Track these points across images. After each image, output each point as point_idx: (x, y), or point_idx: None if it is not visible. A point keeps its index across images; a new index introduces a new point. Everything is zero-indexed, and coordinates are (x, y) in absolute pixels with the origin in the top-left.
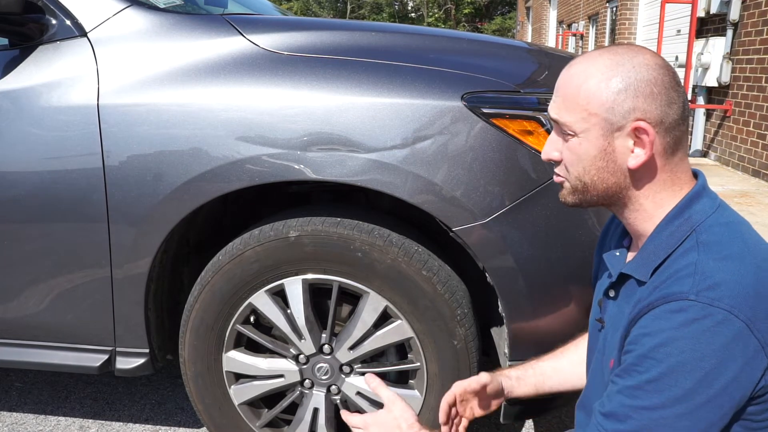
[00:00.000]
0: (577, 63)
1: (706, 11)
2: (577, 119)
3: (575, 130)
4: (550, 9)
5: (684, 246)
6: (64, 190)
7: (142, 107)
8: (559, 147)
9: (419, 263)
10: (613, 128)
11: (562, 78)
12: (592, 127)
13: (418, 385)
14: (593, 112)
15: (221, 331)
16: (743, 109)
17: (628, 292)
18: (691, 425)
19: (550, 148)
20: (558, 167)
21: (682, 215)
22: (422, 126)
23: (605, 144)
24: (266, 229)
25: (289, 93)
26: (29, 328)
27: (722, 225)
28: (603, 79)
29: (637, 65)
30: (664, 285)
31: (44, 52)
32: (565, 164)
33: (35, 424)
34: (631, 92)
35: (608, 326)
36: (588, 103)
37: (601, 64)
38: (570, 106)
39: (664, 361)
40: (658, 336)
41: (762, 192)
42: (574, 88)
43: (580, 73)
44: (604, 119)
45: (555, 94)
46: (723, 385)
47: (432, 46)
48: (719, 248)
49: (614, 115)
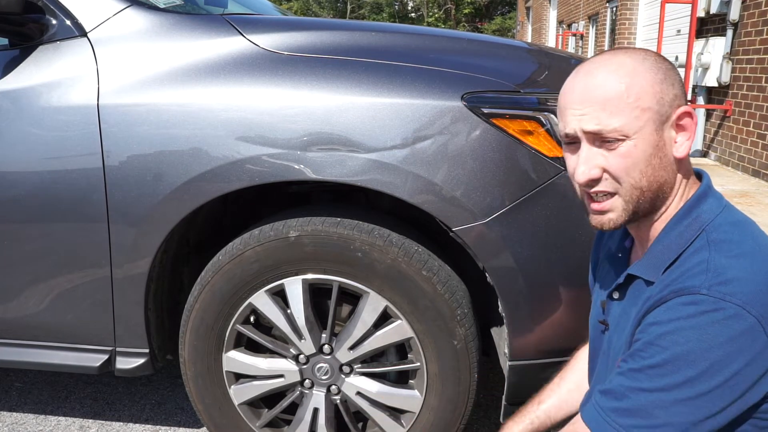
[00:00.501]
0: (599, 68)
1: (706, 11)
2: (629, 120)
3: (627, 133)
4: (550, 9)
5: (695, 245)
6: (64, 190)
7: (142, 107)
8: (601, 161)
9: (419, 263)
10: (663, 119)
11: (586, 87)
12: (646, 124)
13: (418, 385)
14: (646, 106)
15: (221, 331)
16: (743, 109)
17: (635, 293)
18: (688, 412)
19: (588, 167)
20: (601, 185)
21: (690, 215)
22: (422, 126)
23: (658, 138)
24: (266, 229)
25: (289, 93)
26: (29, 328)
27: (731, 224)
28: (641, 74)
29: (656, 59)
30: (676, 282)
31: (44, 52)
32: (614, 176)
33: (35, 424)
34: (668, 81)
35: (613, 328)
36: (638, 99)
37: (628, 63)
38: (616, 109)
39: (669, 349)
40: (666, 325)
41: (762, 192)
42: (614, 90)
43: (611, 75)
44: (656, 112)
45: (583, 106)
46: (726, 378)
47: (432, 46)
48: (731, 246)
49: (663, 105)
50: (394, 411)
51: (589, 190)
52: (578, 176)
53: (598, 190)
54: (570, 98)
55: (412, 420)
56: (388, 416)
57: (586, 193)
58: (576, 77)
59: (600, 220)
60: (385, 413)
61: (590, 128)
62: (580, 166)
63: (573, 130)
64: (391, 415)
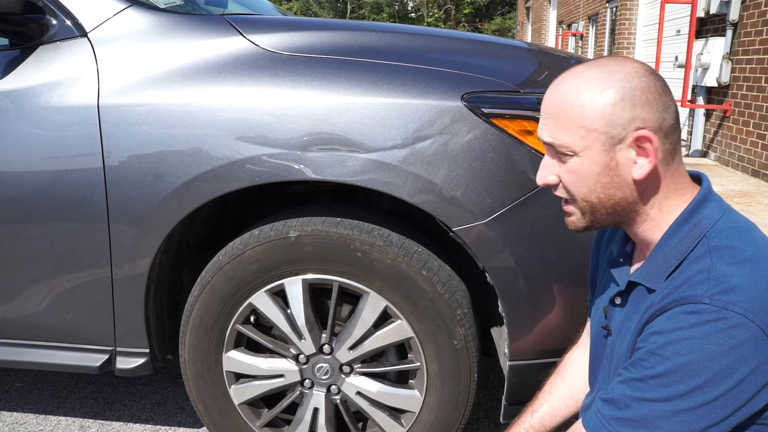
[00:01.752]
0: (564, 80)
1: (706, 11)
2: (575, 138)
3: (574, 150)
4: (550, 9)
5: (696, 252)
6: (65, 190)
7: (143, 107)
8: (556, 170)
9: (419, 263)
10: (615, 141)
11: (549, 98)
12: (593, 144)
13: (418, 385)
14: (592, 127)
15: (221, 331)
16: (743, 109)
17: (637, 300)
18: (691, 422)
19: (545, 172)
20: (558, 190)
21: (690, 221)
22: (422, 126)
23: (608, 159)
24: (266, 229)
25: (289, 93)
26: (30, 328)
27: (732, 229)
28: (597, 92)
29: (627, 74)
30: (678, 291)
31: (44, 53)
32: (566, 187)
33: (35, 424)
34: (628, 102)
35: (616, 333)
36: (585, 119)
37: (591, 78)
38: (565, 126)
39: (671, 359)
40: (669, 335)
41: (762, 192)
42: (567, 106)
43: (570, 90)
44: (604, 133)
45: (544, 116)
46: (729, 387)
47: (432, 46)
48: (732, 253)
49: (614, 127)
50: (394, 411)
51: (553, 192)
52: (537, 179)
53: (557, 195)
54: (542, 105)
55: (412, 420)
56: (388, 416)
57: None
58: (551, 86)
59: (566, 220)
60: (385, 413)
61: (546, 139)
62: (540, 170)
63: (539, 137)
64: (391, 414)
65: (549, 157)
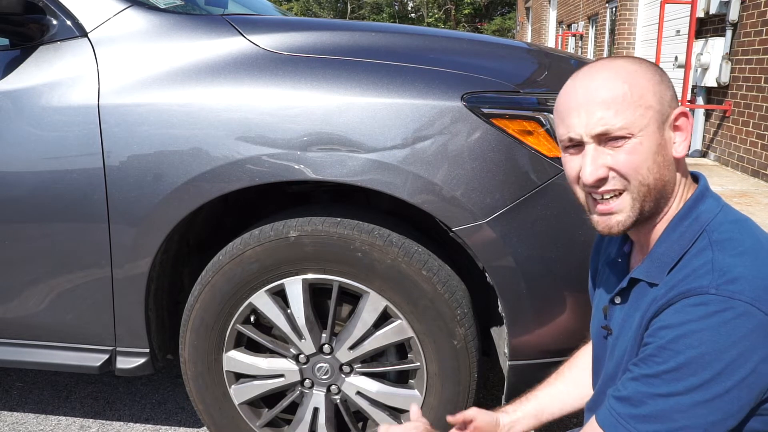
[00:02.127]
0: (599, 72)
1: (706, 12)
2: (635, 117)
3: (633, 131)
4: (549, 9)
5: (697, 246)
6: (65, 190)
7: (143, 107)
8: (609, 161)
9: (419, 263)
10: (664, 119)
11: (588, 90)
12: (650, 122)
13: (418, 385)
14: (649, 104)
15: (221, 331)
16: (742, 110)
17: (638, 297)
18: (708, 413)
19: (597, 165)
20: (608, 184)
21: (690, 216)
22: (422, 126)
23: (660, 137)
24: (266, 229)
25: (289, 93)
26: (30, 328)
27: (731, 222)
28: (642, 75)
29: (649, 63)
30: (682, 283)
31: (45, 53)
32: (622, 174)
33: (36, 424)
34: (665, 84)
35: (617, 332)
36: (642, 98)
37: (626, 66)
38: (622, 108)
39: (683, 353)
40: (678, 328)
41: (761, 192)
42: (618, 90)
43: (612, 77)
44: (658, 111)
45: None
46: (743, 377)
47: (432, 46)
48: (733, 245)
49: (664, 105)
50: (394, 411)
51: (595, 191)
52: (586, 176)
53: (605, 190)
54: (572, 101)
55: None
56: (388, 416)
57: (590, 196)
58: (575, 81)
59: (608, 222)
60: (385, 413)
61: (597, 130)
62: (587, 166)
63: (578, 135)
64: (391, 414)
65: (595, 148)
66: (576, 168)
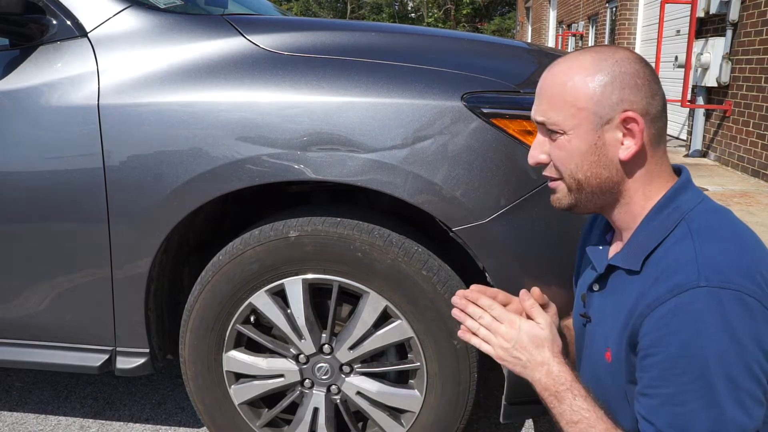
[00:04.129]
0: (559, 64)
1: (706, 11)
2: (566, 116)
3: (564, 128)
4: (549, 9)
5: (675, 234)
6: (65, 190)
7: (143, 107)
8: (546, 149)
9: (419, 263)
10: (603, 121)
11: (544, 80)
12: (582, 122)
13: (418, 385)
14: (582, 106)
15: (221, 331)
16: (743, 109)
17: (618, 283)
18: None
19: (536, 152)
20: (547, 170)
21: (670, 205)
22: (422, 126)
23: (595, 138)
24: (266, 229)
25: (289, 93)
26: (30, 328)
27: (710, 212)
28: (588, 74)
29: (619, 60)
30: (665, 276)
31: (45, 53)
32: (555, 164)
33: (36, 424)
34: (617, 84)
35: (596, 320)
36: (576, 99)
37: (584, 61)
38: (557, 105)
39: (699, 356)
40: (683, 332)
41: (761, 192)
42: (559, 87)
43: (563, 71)
44: (593, 113)
45: (538, 97)
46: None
47: (432, 46)
48: (713, 233)
49: (603, 107)
50: (394, 411)
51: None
52: (528, 158)
53: (545, 174)
54: (538, 86)
55: (412, 420)
56: (388, 416)
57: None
58: (546, 69)
59: (552, 198)
60: (385, 413)
61: (538, 119)
62: (531, 149)
63: (533, 118)
64: (391, 414)
65: (540, 136)
66: None
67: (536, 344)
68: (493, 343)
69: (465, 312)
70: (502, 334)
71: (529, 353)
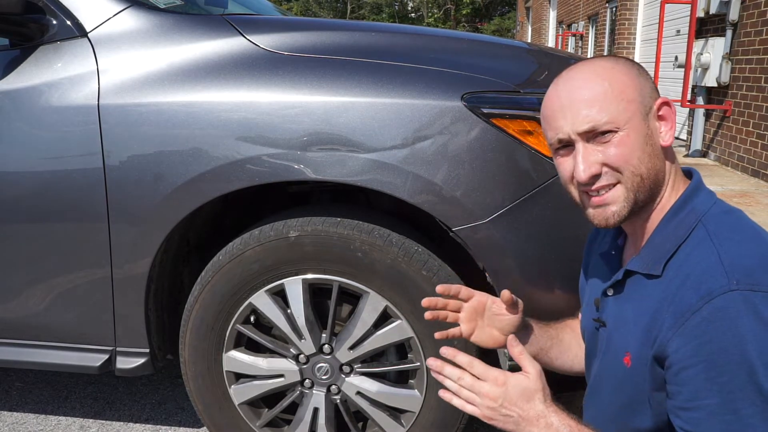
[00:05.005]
0: (579, 72)
1: (706, 11)
2: (619, 111)
3: (619, 124)
4: (549, 9)
5: (694, 237)
6: (65, 190)
7: (143, 107)
8: (600, 157)
9: (419, 263)
10: (647, 110)
11: (571, 91)
12: (634, 115)
13: (418, 385)
14: (630, 98)
15: (221, 331)
16: (743, 109)
17: (637, 288)
18: None
19: (589, 163)
20: (602, 179)
21: (685, 208)
22: (422, 126)
23: (646, 128)
24: (266, 229)
25: (289, 93)
26: (30, 328)
27: (726, 213)
28: (620, 71)
29: (626, 60)
30: (692, 282)
31: (45, 53)
32: (615, 166)
33: (36, 424)
34: (644, 76)
35: (612, 325)
36: (622, 92)
37: (604, 64)
38: (605, 104)
39: (744, 360)
40: (723, 338)
41: (761, 192)
42: (599, 88)
43: (593, 76)
44: (640, 103)
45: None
46: None
47: (432, 46)
48: (733, 235)
49: (645, 97)
50: (394, 411)
51: (590, 188)
52: (580, 174)
53: (600, 186)
54: (557, 104)
55: (412, 420)
56: (388, 416)
57: (585, 192)
58: (557, 86)
59: (604, 214)
60: (385, 413)
61: (584, 128)
62: (579, 164)
63: (566, 135)
64: (391, 414)
65: (585, 147)
66: (569, 169)
67: (526, 398)
68: (478, 403)
69: (442, 374)
70: (487, 393)
71: (520, 408)
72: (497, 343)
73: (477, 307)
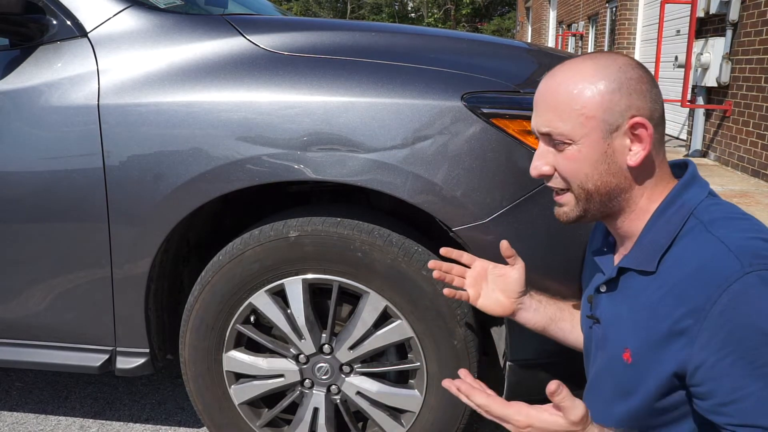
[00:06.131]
0: (558, 73)
1: (706, 11)
2: (574, 126)
3: (573, 138)
4: (549, 9)
5: (686, 229)
6: (65, 190)
7: (143, 107)
8: (551, 160)
9: (419, 263)
10: (612, 128)
11: (545, 90)
12: (592, 131)
13: (418, 385)
14: (591, 115)
15: (221, 331)
16: (743, 110)
17: (631, 285)
18: None
19: (539, 163)
20: (552, 181)
21: (674, 203)
22: (422, 126)
23: (605, 146)
24: (266, 229)
25: (289, 93)
26: (30, 328)
27: (716, 204)
28: (594, 82)
29: (622, 66)
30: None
31: (45, 53)
32: (562, 176)
33: (36, 424)
34: (624, 91)
35: (606, 322)
36: (584, 108)
37: (587, 69)
38: (564, 115)
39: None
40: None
41: (761, 192)
42: (565, 96)
43: (566, 80)
44: (602, 121)
45: (539, 107)
46: None
47: (432, 46)
48: (728, 221)
49: (612, 115)
50: (394, 411)
51: (546, 183)
52: (531, 170)
53: (551, 186)
54: (536, 97)
55: (412, 420)
56: (388, 416)
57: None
58: (545, 78)
59: (558, 212)
60: (385, 413)
61: (542, 129)
62: (534, 161)
63: (534, 129)
64: (391, 414)
65: (544, 147)
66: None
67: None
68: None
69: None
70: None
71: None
72: (504, 309)
73: (480, 272)
